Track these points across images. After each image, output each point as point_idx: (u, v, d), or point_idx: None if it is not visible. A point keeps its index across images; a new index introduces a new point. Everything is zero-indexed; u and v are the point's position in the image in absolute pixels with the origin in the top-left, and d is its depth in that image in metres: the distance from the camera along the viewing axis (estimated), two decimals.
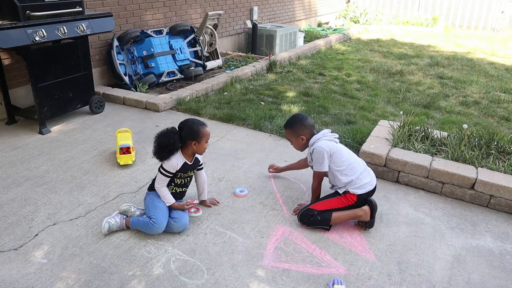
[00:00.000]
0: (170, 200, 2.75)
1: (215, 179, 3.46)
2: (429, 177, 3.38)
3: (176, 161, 2.70)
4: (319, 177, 2.96)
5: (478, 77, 6.92)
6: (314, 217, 2.80)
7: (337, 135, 2.97)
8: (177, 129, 2.72)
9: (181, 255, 2.54)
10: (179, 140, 2.67)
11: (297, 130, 2.97)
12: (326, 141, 2.87)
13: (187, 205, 2.78)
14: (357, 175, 2.82)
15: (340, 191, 2.85)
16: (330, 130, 2.98)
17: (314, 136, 2.93)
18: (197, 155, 2.83)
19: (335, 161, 2.84)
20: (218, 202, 3.09)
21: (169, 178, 2.74)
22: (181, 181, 2.83)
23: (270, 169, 3.53)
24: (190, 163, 2.77)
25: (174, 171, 2.72)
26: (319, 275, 2.43)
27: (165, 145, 2.65)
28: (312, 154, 2.89)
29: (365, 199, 2.83)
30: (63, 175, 3.43)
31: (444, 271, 2.52)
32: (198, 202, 2.95)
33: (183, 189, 2.90)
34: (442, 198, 3.34)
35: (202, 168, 2.97)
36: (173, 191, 2.82)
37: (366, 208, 2.81)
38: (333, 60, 7.86)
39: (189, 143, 2.70)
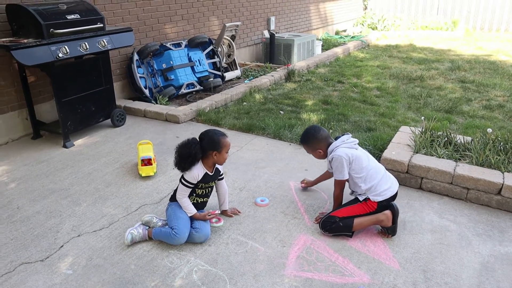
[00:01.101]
0: (192, 210, 2.77)
1: (236, 188, 3.46)
2: (453, 183, 3.31)
3: (197, 172, 2.72)
4: (340, 185, 2.93)
5: (501, 80, 6.76)
6: (336, 224, 2.77)
7: (357, 141, 2.93)
8: (198, 139, 2.74)
9: (203, 265, 2.55)
10: (200, 151, 2.69)
11: (312, 145, 2.95)
12: (345, 148, 2.83)
13: (209, 215, 2.79)
14: (377, 181, 2.79)
15: (360, 198, 2.82)
16: (350, 135, 2.94)
17: (333, 144, 2.90)
18: (217, 166, 2.84)
19: (355, 168, 2.81)
20: (239, 212, 3.10)
21: (191, 189, 2.76)
22: (203, 192, 2.85)
23: (302, 184, 3.46)
24: (211, 174, 2.79)
25: (195, 182, 2.73)
26: (343, 284, 2.40)
27: (186, 156, 2.67)
28: (332, 162, 2.87)
29: (385, 205, 2.79)
30: (87, 188, 3.49)
31: (471, 279, 2.45)
32: (219, 212, 2.96)
33: (205, 199, 2.92)
34: (468, 204, 3.26)
35: (222, 179, 2.98)
36: (195, 201, 2.84)
37: (388, 212, 2.77)
38: (351, 68, 7.82)
39: (210, 154, 2.71)
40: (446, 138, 3.79)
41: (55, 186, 3.53)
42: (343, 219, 2.77)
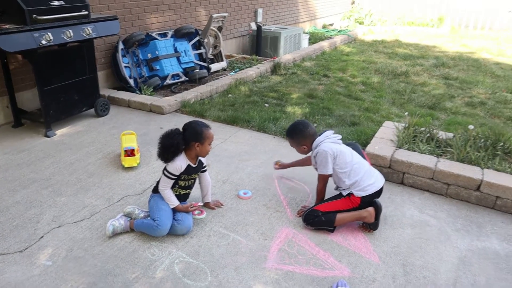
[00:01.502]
0: (174, 202, 2.76)
1: (219, 181, 3.46)
2: (434, 179, 3.36)
3: (180, 163, 2.70)
4: (323, 179, 2.95)
5: (484, 78, 6.87)
6: (318, 218, 2.79)
7: (340, 136, 2.95)
8: (181, 130, 2.73)
9: (185, 257, 2.55)
10: (182, 141, 2.67)
11: (298, 140, 2.96)
12: (330, 143, 2.85)
13: (191, 207, 2.79)
14: (361, 176, 2.81)
15: (344, 193, 2.84)
16: (333, 131, 2.96)
17: (317, 139, 2.90)
18: (200, 158, 2.83)
19: (339, 163, 2.82)
20: (221, 204, 3.10)
21: (173, 181, 2.75)
22: (185, 183, 2.84)
23: (276, 166, 3.49)
24: (194, 166, 2.78)
25: (178, 173, 2.72)
26: (323, 278, 2.42)
27: (168, 146, 2.65)
28: (316, 157, 2.88)
29: (369, 201, 2.82)
30: (68, 178, 3.45)
31: (449, 273, 2.51)
32: (202, 204, 2.95)
33: (187, 191, 2.91)
34: (448, 199, 3.32)
35: (205, 171, 2.98)
36: (177, 193, 2.83)
37: (371, 209, 2.80)
38: (337, 62, 7.85)
39: (192, 145, 2.70)
40: (428, 134, 3.83)
41: (36, 175, 3.47)
42: (325, 214, 2.79)
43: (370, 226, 2.84)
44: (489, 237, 2.86)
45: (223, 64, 6.94)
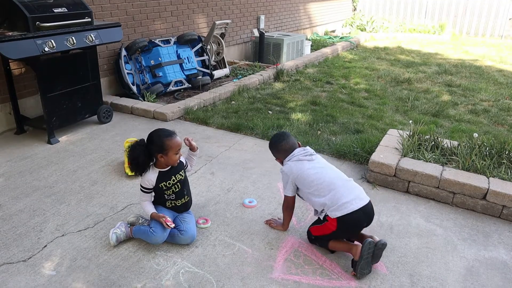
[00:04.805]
0: (149, 211, 2.69)
1: (224, 189, 3.44)
2: (439, 187, 3.34)
3: (150, 177, 2.65)
4: (285, 200, 2.79)
5: (487, 85, 6.86)
6: (313, 240, 2.73)
7: (308, 152, 2.72)
8: (145, 141, 2.65)
9: (190, 267, 2.52)
10: (143, 153, 2.58)
11: (273, 153, 2.86)
12: (293, 163, 2.68)
13: (162, 218, 2.62)
14: (333, 194, 2.52)
15: (321, 217, 2.63)
16: (305, 148, 2.76)
17: (287, 157, 2.74)
18: (180, 159, 2.75)
19: (303, 183, 2.64)
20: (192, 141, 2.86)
21: (150, 194, 2.71)
22: (173, 190, 2.73)
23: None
24: (166, 169, 2.69)
25: (150, 187, 2.68)
26: None
27: (131, 159, 2.60)
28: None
29: (349, 222, 2.49)
30: (72, 186, 3.43)
31: (457, 284, 2.48)
32: (174, 226, 2.69)
33: (182, 200, 2.79)
34: (453, 208, 3.29)
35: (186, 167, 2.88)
36: (173, 205, 2.77)
37: (359, 245, 2.49)
38: (340, 68, 7.85)
39: (156, 156, 2.61)
40: (433, 142, 3.82)
41: (39, 183, 3.45)
42: (318, 239, 2.69)
43: (352, 265, 2.51)
44: (496, 247, 2.83)
45: (226, 71, 6.94)
